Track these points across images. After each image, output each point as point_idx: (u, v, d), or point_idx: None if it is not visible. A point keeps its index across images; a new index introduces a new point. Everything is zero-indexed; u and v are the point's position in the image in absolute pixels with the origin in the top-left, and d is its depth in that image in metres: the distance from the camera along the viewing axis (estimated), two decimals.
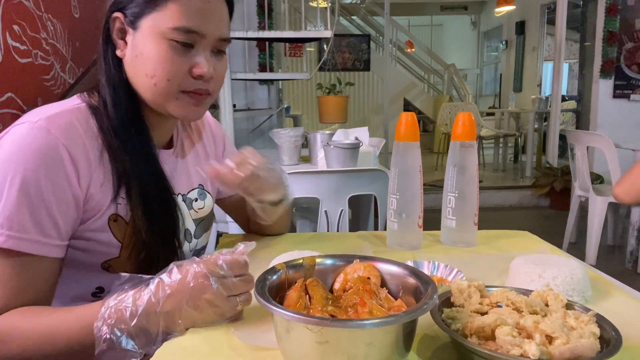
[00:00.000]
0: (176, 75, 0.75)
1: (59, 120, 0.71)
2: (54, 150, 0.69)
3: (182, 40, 0.74)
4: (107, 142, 0.75)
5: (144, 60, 0.75)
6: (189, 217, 0.90)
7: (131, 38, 0.76)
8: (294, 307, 0.56)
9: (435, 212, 1.14)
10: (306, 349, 0.51)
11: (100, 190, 0.74)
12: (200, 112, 0.82)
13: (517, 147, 6.97)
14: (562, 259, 0.79)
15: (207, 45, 0.77)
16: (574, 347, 0.50)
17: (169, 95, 0.77)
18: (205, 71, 0.76)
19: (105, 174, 0.75)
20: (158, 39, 0.74)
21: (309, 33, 3.15)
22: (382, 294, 0.62)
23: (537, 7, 7.54)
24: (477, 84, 11.07)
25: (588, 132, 3.88)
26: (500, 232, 1.12)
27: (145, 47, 0.74)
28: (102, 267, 0.78)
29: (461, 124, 0.99)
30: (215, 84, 0.80)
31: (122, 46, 0.77)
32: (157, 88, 0.76)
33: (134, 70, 0.77)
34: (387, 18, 5.45)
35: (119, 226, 0.77)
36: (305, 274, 0.64)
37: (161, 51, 0.74)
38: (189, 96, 0.78)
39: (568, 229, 3.36)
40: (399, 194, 0.98)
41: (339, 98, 4.04)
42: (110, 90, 0.77)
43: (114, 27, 0.77)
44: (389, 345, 0.52)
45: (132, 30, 0.75)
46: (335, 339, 0.49)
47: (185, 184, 0.91)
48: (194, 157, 0.95)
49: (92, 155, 0.73)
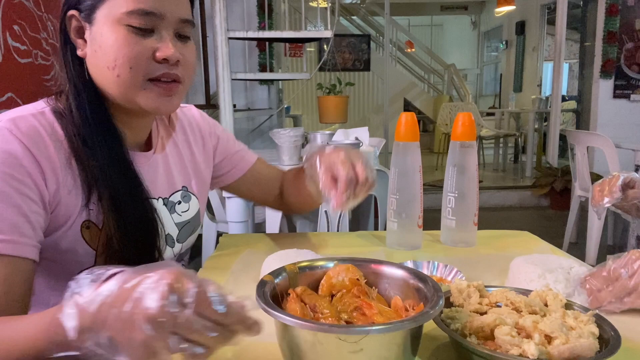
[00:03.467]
0: (138, 62, 0.71)
1: (21, 123, 0.69)
2: (16, 150, 0.67)
3: (139, 24, 0.70)
4: (73, 147, 0.72)
5: (103, 52, 0.71)
6: (170, 221, 0.87)
7: (89, 33, 0.73)
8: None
9: (435, 212, 1.14)
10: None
11: (69, 196, 0.72)
12: (172, 102, 0.77)
13: (517, 147, 6.96)
14: (562, 259, 0.79)
15: (168, 28, 0.73)
16: (573, 347, 0.50)
17: (135, 86, 0.73)
18: (169, 53, 0.72)
19: (75, 180, 0.72)
20: (115, 27, 0.70)
21: (309, 33, 3.15)
22: (373, 294, 0.62)
23: (537, 7, 7.54)
24: (477, 84, 11.06)
25: (588, 132, 3.88)
26: (500, 232, 1.12)
27: (102, 39, 0.71)
28: None
29: (461, 124, 0.99)
30: (184, 71, 0.76)
31: (82, 45, 0.74)
32: (120, 79, 0.72)
33: (96, 67, 0.74)
34: (387, 18, 5.44)
35: (92, 233, 0.74)
36: (291, 282, 0.63)
37: (119, 38, 0.70)
38: (156, 85, 0.74)
39: (568, 229, 3.36)
40: (398, 194, 0.98)
41: (339, 98, 4.04)
42: (73, 93, 0.74)
43: (71, 26, 0.74)
44: (412, 343, 0.52)
45: (89, 25, 0.72)
46: (370, 346, 0.48)
47: (166, 186, 0.87)
48: (177, 157, 0.91)
49: (59, 160, 0.71)
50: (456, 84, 8.83)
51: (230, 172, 1.04)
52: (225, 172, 1.04)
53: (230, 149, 1.03)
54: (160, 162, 0.87)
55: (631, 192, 0.83)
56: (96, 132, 0.74)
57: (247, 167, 1.05)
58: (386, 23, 5.52)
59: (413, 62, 9.67)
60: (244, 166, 1.05)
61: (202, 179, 0.97)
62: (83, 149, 0.72)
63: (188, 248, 0.94)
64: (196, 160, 0.95)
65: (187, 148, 0.94)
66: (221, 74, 2.73)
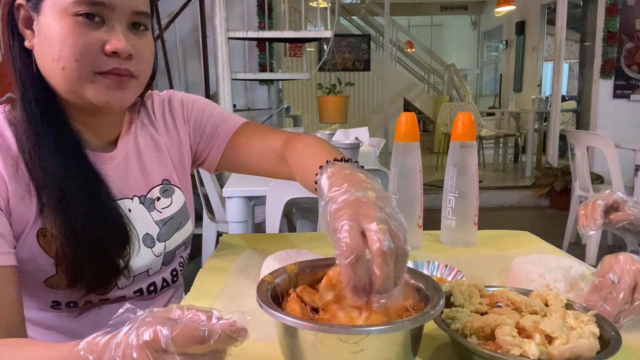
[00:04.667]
0: (85, 54, 0.67)
1: None
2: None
3: (86, 13, 0.66)
4: (23, 151, 0.69)
5: (49, 43, 0.67)
6: (149, 219, 0.83)
7: (36, 24, 0.69)
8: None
9: (435, 212, 1.14)
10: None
11: (21, 204, 0.69)
12: (125, 96, 0.72)
13: (517, 147, 6.97)
14: (562, 259, 0.79)
15: (120, 19, 0.69)
16: (573, 347, 0.50)
17: (82, 79, 0.68)
18: (119, 47, 0.67)
19: (26, 186, 0.69)
20: (61, 17, 0.66)
21: (309, 33, 3.15)
22: None
23: (537, 7, 7.54)
24: (477, 84, 11.07)
25: (588, 132, 3.88)
26: (500, 232, 1.12)
27: (48, 29, 0.67)
28: (46, 285, 0.74)
29: (461, 124, 0.99)
30: (139, 65, 0.72)
31: (30, 36, 0.70)
32: (66, 72, 0.67)
33: (42, 58, 0.69)
34: (387, 18, 5.45)
35: (48, 241, 0.71)
36: (291, 282, 0.62)
37: (64, 29, 0.66)
38: (106, 78, 0.69)
39: (568, 229, 3.36)
40: (399, 194, 0.98)
41: (339, 98, 4.05)
42: (20, 88, 0.70)
43: (19, 16, 0.70)
44: (412, 344, 0.52)
45: (37, 14, 0.68)
46: (370, 347, 0.48)
47: (142, 184, 0.83)
48: (154, 151, 0.87)
49: (4, 168, 0.68)
50: (456, 84, 8.84)
51: (212, 149, 0.93)
52: (208, 152, 0.94)
53: (205, 124, 0.93)
54: (133, 159, 0.83)
55: (615, 216, 0.82)
56: (46, 130, 0.70)
57: (228, 135, 0.92)
58: (386, 23, 5.52)
59: (413, 62, 9.67)
60: (225, 136, 0.93)
61: (186, 169, 0.92)
62: (32, 151, 0.68)
63: (180, 245, 0.89)
64: (175, 150, 0.90)
65: (165, 138, 0.89)
66: (221, 74, 2.73)
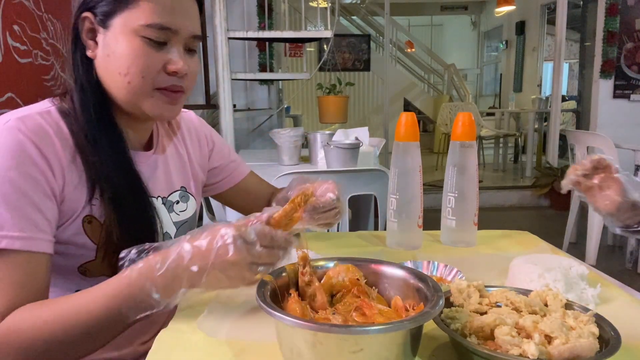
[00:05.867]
0: (150, 72, 0.75)
1: (28, 121, 0.71)
2: (25, 147, 0.69)
3: (155, 37, 0.74)
4: (78, 144, 0.75)
5: (116, 58, 0.75)
6: (169, 220, 0.89)
7: (102, 37, 0.75)
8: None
9: (435, 212, 1.14)
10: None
11: (74, 192, 0.74)
12: (175, 110, 0.82)
13: (517, 147, 6.96)
14: (562, 259, 0.79)
15: (180, 42, 0.78)
16: (572, 347, 0.50)
17: (144, 93, 0.77)
18: (179, 67, 0.77)
19: (80, 176, 0.75)
20: (131, 37, 0.74)
21: (309, 33, 3.15)
22: (373, 294, 0.62)
23: (537, 7, 7.54)
24: (477, 84, 11.06)
25: (588, 132, 3.88)
26: (500, 232, 1.12)
27: (117, 46, 0.74)
28: (79, 271, 0.78)
29: (461, 124, 1.00)
30: (189, 82, 0.81)
31: (93, 47, 0.77)
32: (131, 86, 0.75)
33: (106, 70, 0.76)
34: (387, 18, 5.45)
35: (94, 228, 0.76)
36: (291, 282, 0.63)
37: (135, 48, 0.74)
38: (163, 94, 0.78)
39: (568, 229, 3.36)
40: (398, 194, 0.98)
41: (339, 98, 4.04)
42: (79, 93, 0.77)
43: (84, 27, 0.76)
44: (412, 343, 0.52)
45: (103, 29, 0.75)
46: (370, 346, 0.48)
47: (165, 186, 0.90)
48: (177, 159, 0.94)
49: (64, 157, 0.73)
50: (456, 84, 8.84)
51: (222, 180, 1.06)
52: (219, 180, 1.06)
53: (225, 157, 1.06)
54: (160, 162, 0.90)
55: (598, 173, 0.85)
56: (100, 131, 0.77)
57: (239, 177, 1.08)
58: (386, 23, 5.52)
59: (413, 62, 9.67)
60: (236, 176, 1.07)
61: (199, 182, 1.00)
62: (87, 147, 0.75)
63: None
64: (194, 162, 0.98)
65: (186, 151, 0.97)
66: (221, 74, 2.72)
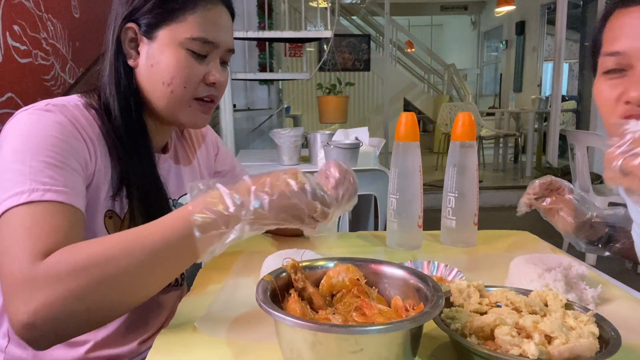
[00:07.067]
0: (191, 83, 0.80)
1: (64, 109, 0.73)
2: (68, 126, 0.72)
3: (199, 50, 0.79)
4: (108, 141, 0.78)
5: (160, 69, 0.78)
6: None
7: (146, 48, 0.79)
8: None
9: (435, 212, 1.14)
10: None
11: (100, 182, 0.76)
12: (207, 119, 0.87)
13: (517, 147, 6.96)
14: (562, 259, 0.79)
15: (218, 55, 0.82)
16: (573, 347, 0.50)
17: (183, 102, 0.81)
18: (218, 79, 0.82)
19: (106, 170, 0.77)
20: (176, 49, 0.78)
21: (309, 33, 3.15)
22: (373, 294, 0.62)
23: (537, 7, 7.55)
24: (477, 84, 11.06)
25: (588, 132, 3.88)
26: (500, 232, 1.12)
27: (162, 56, 0.78)
28: None
29: (461, 124, 1.00)
30: (220, 92, 0.86)
31: (135, 56, 0.80)
32: (173, 95, 0.80)
33: (148, 79, 0.80)
34: (387, 18, 5.45)
35: (114, 223, 0.79)
36: (291, 282, 0.62)
37: (179, 60, 0.78)
38: (199, 104, 0.83)
39: None
40: (398, 194, 0.98)
41: (339, 98, 4.04)
42: (119, 99, 0.79)
43: (127, 37, 0.79)
44: (412, 343, 0.52)
45: (147, 40, 0.79)
46: (370, 346, 0.48)
47: (177, 189, 0.93)
48: (187, 163, 0.98)
49: (98, 146, 0.76)
50: (456, 84, 8.84)
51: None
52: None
53: (228, 163, 1.09)
54: (173, 165, 0.94)
55: (551, 195, 0.83)
56: (132, 134, 0.80)
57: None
58: (386, 23, 5.53)
59: (413, 62, 9.67)
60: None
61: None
62: (119, 145, 0.78)
63: None
64: (201, 166, 1.01)
65: (194, 155, 1.01)
66: None
